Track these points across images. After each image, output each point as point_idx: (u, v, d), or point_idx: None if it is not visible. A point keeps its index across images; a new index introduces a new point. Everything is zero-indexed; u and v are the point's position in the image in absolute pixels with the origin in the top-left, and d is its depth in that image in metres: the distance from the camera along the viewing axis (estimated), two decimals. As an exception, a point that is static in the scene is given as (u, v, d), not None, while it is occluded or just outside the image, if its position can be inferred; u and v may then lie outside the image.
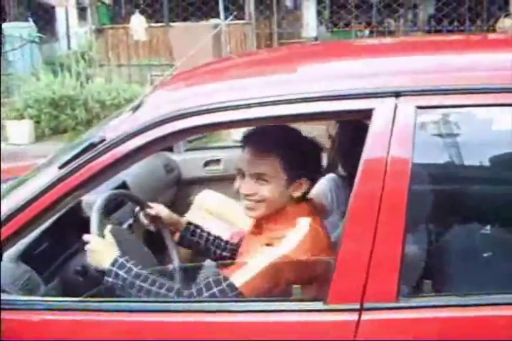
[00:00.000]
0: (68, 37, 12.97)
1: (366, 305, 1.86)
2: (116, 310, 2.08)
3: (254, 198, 2.30)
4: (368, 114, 1.96)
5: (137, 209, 2.76)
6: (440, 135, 2.05)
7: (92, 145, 2.03)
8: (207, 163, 4.14)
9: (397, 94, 1.94)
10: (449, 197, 2.20)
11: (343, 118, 2.82)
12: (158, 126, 2.03)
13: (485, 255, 2.17)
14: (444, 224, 2.20)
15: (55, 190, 2.02)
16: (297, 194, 2.31)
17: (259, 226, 2.38)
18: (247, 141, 2.35)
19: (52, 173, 2.07)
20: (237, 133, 8.33)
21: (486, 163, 2.25)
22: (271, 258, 2.12)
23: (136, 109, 2.18)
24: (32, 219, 2.04)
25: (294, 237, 2.18)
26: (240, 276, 2.10)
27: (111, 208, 2.88)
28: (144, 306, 2.09)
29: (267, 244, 2.18)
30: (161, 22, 13.71)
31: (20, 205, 2.04)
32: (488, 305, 1.88)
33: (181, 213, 3.58)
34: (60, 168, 2.05)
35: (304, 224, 2.23)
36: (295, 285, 2.05)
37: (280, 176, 2.26)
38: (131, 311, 2.06)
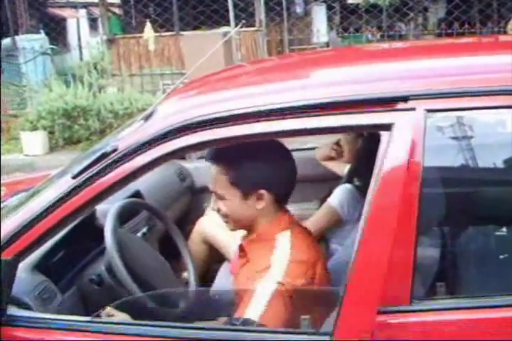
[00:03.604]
0: (80, 48, 13.06)
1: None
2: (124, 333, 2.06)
3: (220, 214, 2.32)
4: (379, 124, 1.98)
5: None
6: (451, 138, 2.05)
7: (105, 155, 2.05)
8: (219, 171, 4.15)
9: (406, 99, 1.96)
10: (462, 200, 2.20)
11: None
12: (169, 136, 2.06)
13: (501, 257, 2.17)
14: (459, 226, 2.20)
15: (69, 198, 2.05)
16: (260, 205, 2.26)
17: (242, 249, 2.35)
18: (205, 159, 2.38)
19: (66, 183, 2.09)
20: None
21: (499, 165, 2.25)
22: (270, 287, 2.07)
23: (148, 118, 2.20)
24: (47, 231, 2.06)
25: (279, 266, 2.13)
26: (253, 311, 2.05)
27: (125, 217, 2.89)
28: (151, 330, 2.05)
29: (253, 277, 2.14)
30: (171, 31, 13.76)
31: (35, 216, 2.06)
32: (503, 307, 1.88)
33: (195, 220, 3.61)
34: (74, 177, 2.06)
35: (283, 246, 2.20)
36: (303, 316, 1.96)
37: (232, 192, 2.24)
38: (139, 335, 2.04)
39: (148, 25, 13.22)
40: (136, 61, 13.61)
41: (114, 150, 2.05)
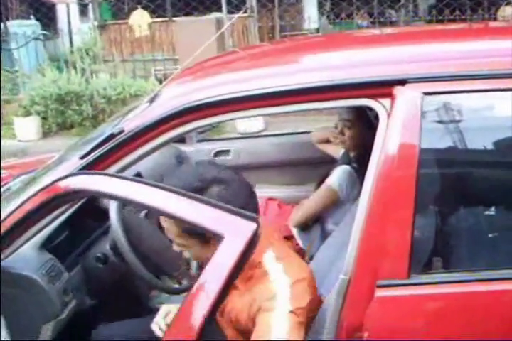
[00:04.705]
0: (70, 33, 13.02)
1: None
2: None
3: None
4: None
5: None
6: (446, 120, 2.12)
7: (112, 136, 2.11)
8: (217, 154, 4.22)
9: (403, 82, 2.03)
10: (457, 181, 2.27)
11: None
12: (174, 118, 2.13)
13: (490, 235, 2.25)
14: (454, 205, 2.26)
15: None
16: None
17: None
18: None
19: (73, 164, 2.15)
20: (242, 126, 8.46)
21: (494, 147, 2.31)
22: (285, 321, 1.93)
23: (152, 100, 2.26)
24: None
25: (283, 293, 1.97)
26: None
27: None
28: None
29: (260, 309, 1.98)
30: (163, 17, 13.76)
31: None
32: (494, 280, 1.98)
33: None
34: (82, 158, 2.13)
35: (275, 269, 2.03)
36: None
37: (190, 241, 2.03)
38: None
39: (136, 12, 13.24)
40: (128, 47, 13.61)
41: (121, 132, 2.12)
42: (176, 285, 2.67)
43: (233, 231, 1.37)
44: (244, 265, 1.45)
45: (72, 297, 2.54)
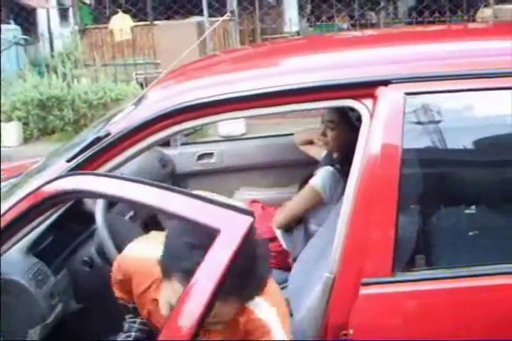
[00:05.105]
0: (50, 38, 12.98)
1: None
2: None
3: None
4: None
5: None
6: (428, 120, 2.15)
7: (99, 139, 2.13)
8: (200, 157, 4.23)
9: (386, 82, 2.06)
10: (439, 180, 2.31)
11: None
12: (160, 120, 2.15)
13: (470, 233, 2.29)
14: (436, 204, 2.29)
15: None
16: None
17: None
18: None
19: (61, 167, 2.16)
20: (224, 129, 8.48)
21: (475, 146, 2.35)
22: None
23: (138, 103, 2.28)
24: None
25: (276, 328, 1.89)
26: None
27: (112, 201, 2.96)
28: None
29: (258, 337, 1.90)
30: (144, 21, 13.76)
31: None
32: (475, 276, 2.02)
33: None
34: (69, 161, 2.14)
35: (259, 303, 1.90)
36: None
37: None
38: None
39: (117, 16, 13.23)
40: (109, 51, 13.60)
41: (108, 134, 2.13)
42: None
43: (229, 225, 1.38)
44: (239, 258, 1.42)
45: (58, 301, 2.55)
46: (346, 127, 3.22)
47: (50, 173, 2.17)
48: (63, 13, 15.01)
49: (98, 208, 2.57)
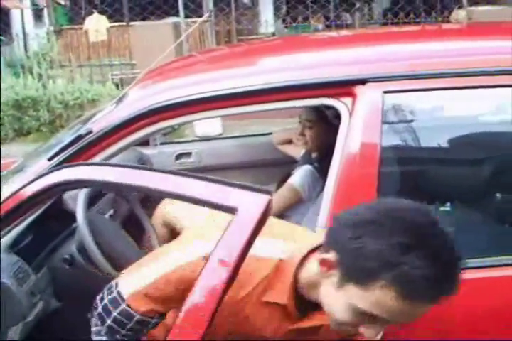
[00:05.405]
0: (25, 39, 12.93)
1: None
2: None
3: None
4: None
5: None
6: (406, 118, 2.19)
7: (80, 137, 2.14)
8: (178, 156, 4.24)
9: (364, 81, 2.10)
10: (417, 177, 2.34)
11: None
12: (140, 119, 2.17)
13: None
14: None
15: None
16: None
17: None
18: None
19: (42, 165, 2.17)
20: (201, 130, 8.49)
21: (452, 144, 2.39)
22: None
23: (119, 102, 2.30)
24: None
25: None
26: None
27: (92, 199, 2.96)
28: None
29: None
30: (120, 21, 13.73)
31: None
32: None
33: (154, 206, 3.70)
34: (50, 159, 2.15)
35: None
36: None
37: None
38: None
39: (92, 17, 13.19)
40: (85, 52, 13.56)
41: (89, 133, 2.15)
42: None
43: (247, 204, 1.36)
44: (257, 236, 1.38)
45: (39, 299, 2.55)
46: (324, 126, 3.25)
47: (32, 173, 2.19)
48: (38, 14, 14.95)
49: (79, 206, 2.57)
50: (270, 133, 4.13)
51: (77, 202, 2.59)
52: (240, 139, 4.43)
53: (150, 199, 4.00)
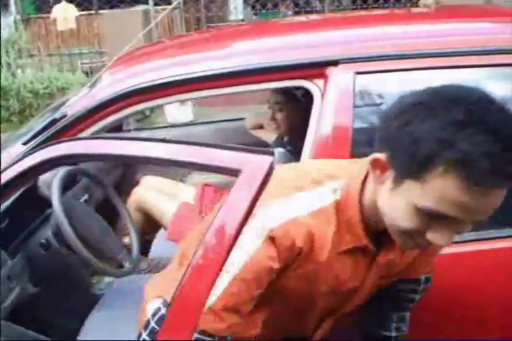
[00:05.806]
0: (-9, 28, 12.80)
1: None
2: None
3: None
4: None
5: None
6: (379, 98, 2.21)
7: (55, 121, 2.15)
8: (152, 142, 4.24)
9: (336, 62, 2.13)
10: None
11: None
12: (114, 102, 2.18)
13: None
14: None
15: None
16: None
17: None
18: None
19: (17, 149, 2.18)
20: (172, 117, 8.48)
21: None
22: None
23: (92, 86, 2.31)
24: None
25: None
26: None
27: (66, 185, 2.97)
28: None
29: None
30: (88, 10, 13.63)
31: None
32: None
33: (128, 192, 3.72)
34: (25, 144, 2.16)
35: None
36: None
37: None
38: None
39: (59, 5, 13.08)
40: (53, 41, 13.45)
41: (64, 116, 2.16)
42: (119, 269, 2.71)
43: (250, 165, 1.37)
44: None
45: (16, 284, 2.55)
46: (294, 105, 3.27)
47: (6, 157, 2.19)
48: (4, 2, 14.77)
49: (54, 191, 2.58)
50: (243, 119, 4.15)
51: (52, 187, 2.59)
52: (213, 125, 4.44)
53: (123, 184, 4.02)
